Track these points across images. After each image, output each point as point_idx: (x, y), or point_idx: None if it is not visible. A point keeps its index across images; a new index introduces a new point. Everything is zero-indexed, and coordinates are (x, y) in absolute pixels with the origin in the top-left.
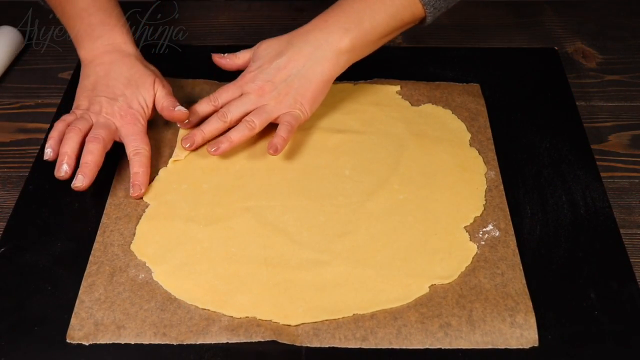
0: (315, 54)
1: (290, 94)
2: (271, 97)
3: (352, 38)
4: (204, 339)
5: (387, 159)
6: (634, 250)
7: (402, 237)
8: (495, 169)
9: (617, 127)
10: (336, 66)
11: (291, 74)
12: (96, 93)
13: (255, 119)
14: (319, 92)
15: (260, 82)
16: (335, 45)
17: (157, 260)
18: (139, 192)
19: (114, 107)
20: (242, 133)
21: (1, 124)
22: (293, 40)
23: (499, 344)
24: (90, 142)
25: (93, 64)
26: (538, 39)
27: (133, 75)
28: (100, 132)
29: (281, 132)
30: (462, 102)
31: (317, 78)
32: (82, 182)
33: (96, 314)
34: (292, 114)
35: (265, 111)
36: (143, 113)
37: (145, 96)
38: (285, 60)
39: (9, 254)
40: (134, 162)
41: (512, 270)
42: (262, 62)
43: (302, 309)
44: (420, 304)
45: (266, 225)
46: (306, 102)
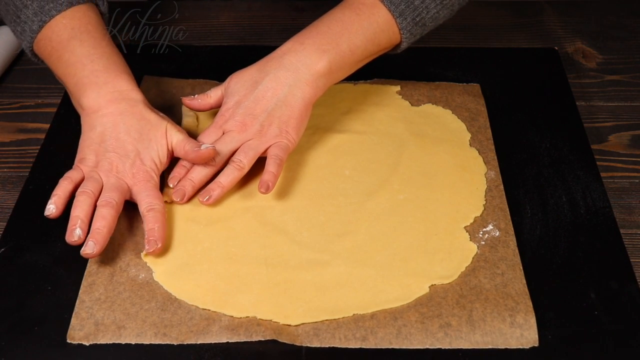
0: (294, 79)
1: (274, 124)
2: (255, 131)
3: (329, 60)
4: (204, 338)
5: (387, 159)
6: (634, 250)
7: (402, 237)
8: (495, 169)
9: (617, 127)
10: (316, 89)
11: (271, 103)
12: (105, 148)
13: (242, 158)
14: (302, 117)
15: (240, 117)
16: (312, 68)
17: (157, 260)
18: (154, 247)
19: (126, 165)
20: (232, 176)
21: (1, 124)
22: (266, 67)
23: (499, 344)
24: (102, 207)
25: (99, 113)
26: (538, 39)
27: (144, 127)
28: (113, 196)
29: (270, 168)
30: (462, 102)
31: (298, 103)
32: (94, 250)
33: (96, 313)
34: (280, 145)
35: (251, 147)
36: (156, 169)
37: (159, 150)
38: (263, 90)
39: (9, 254)
40: (149, 219)
41: (512, 270)
42: (239, 97)
43: (302, 308)
44: (420, 304)
45: (266, 225)
46: (291, 130)
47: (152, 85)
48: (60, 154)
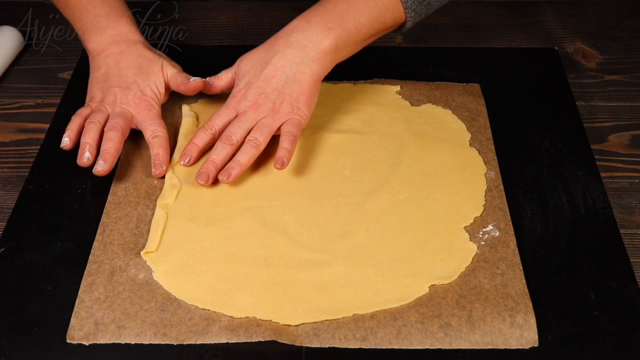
0: (301, 56)
1: (286, 101)
2: (267, 110)
3: (335, 38)
4: (204, 339)
5: (387, 159)
6: (634, 250)
7: (402, 237)
8: (495, 169)
9: (617, 127)
10: (323, 66)
11: (281, 81)
12: (109, 84)
13: (258, 136)
14: (312, 94)
15: (253, 97)
16: (319, 45)
17: (157, 260)
18: (160, 170)
19: (128, 96)
20: (249, 154)
21: (1, 124)
22: (274, 47)
23: (498, 344)
24: (109, 131)
25: (102, 55)
26: (538, 39)
27: (142, 63)
28: (118, 121)
29: (285, 144)
30: (462, 102)
31: (307, 80)
32: (104, 167)
33: (96, 313)
34: (292, 121)
35: (266, 125)
36: (156, 98)
37: (157, 81)
38: (272, 69)
39: (9, 254)
40: (154, 144)
41: (512, 271)
42: (249, 78)
43: (302, 309)
44: (420, 304)
45: (266, 225)
46: (302, 106)
47: None
48: (60, 154)
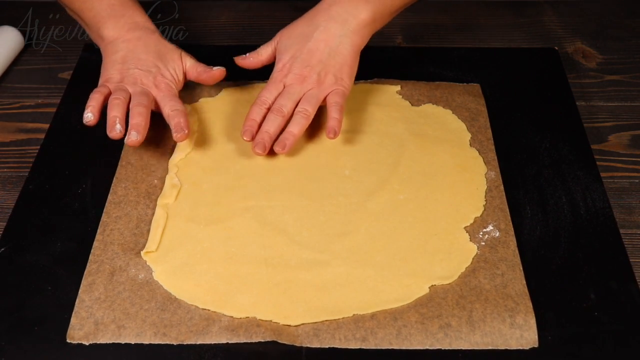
0: (343, 29)
1: (330, 73)
2: (313, 82)
3: (373, 10)
4: (204, 339)
5: (387, 159)
6: (634, 250)
7: (402, 238)
8: (495, 169)
9: (617, 127)
10: (363, 37)
11: (325, 54)
12: (128, 66)
13: (307, 107)
14: (353, 65)
15: (298, 69)
16: (358, 17)
17: (157, 260)
18: (182, 133)
19: (149, 79)
20: (300, 124)
21: (1, 124)
22: (315, 20)
23: (498, 344)
24: (136, 107)
25: (119, 40)
26: (538, 39)
27: (161, 50)
28: (143, 99)
29: (334, 114)
30: (462, 102)
31: (349, 52)
32: (137, 137)
33: (96, 313)
34: (337, 92)
35: (313, 96)
36: (175, 83)
37: (176, 68)
38: (315, 42)
39: (9, 254)
40: (173, 116)
41: (512, 271)
42: (293, 51)
43: (302, 309)
44: (420, 305)
45: (266, 225)
46: (346, 77)
47: None
48: (60, 154)
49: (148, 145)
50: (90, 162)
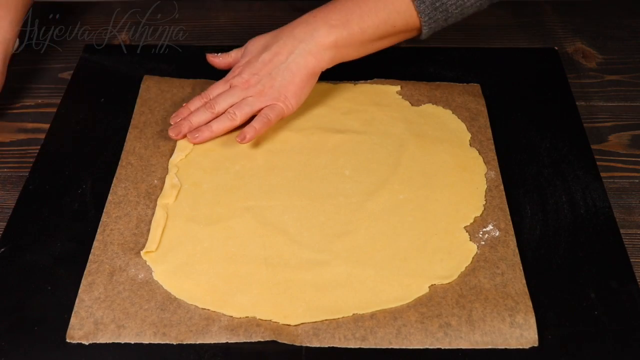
0: (299, 48)
1: (274, 87)
2: (256, 91)
3: (336, 35)
4: (203, 338)
5: (387, 159)
6: (634, 250)
7: (402, 237)
8: (495, 169)
9: (617, 127)
10: (320, 61)
11: (275, 67)
12: None
13: (237, 111)
14: (302, 85)
15: (247, 75)
16: (319, 40)
17: (157, 260)
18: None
19: None
20: (223, 124)
21: (1, 124)
22: (280, 35)
23: (498, 344)
24: None
25: None
26: (538, 39)
27: None
28: None
29: (255, 123)
30: (462, 102)
31: (300, 71)
32: None
33: (96, 312)
34: (274, 107)
35: (248, 104)
36: None
37: None
38: (271, 54)
39: (9, 254)
40: None
41: (512, 270)
42: (250, 57)
43: (302, 308)
44: (420, 304)
45: (266, 225)
46: (290, 95)
47: (152, 85)
48: (60, 154)
49: (148, 145)
50: (90, 162)
